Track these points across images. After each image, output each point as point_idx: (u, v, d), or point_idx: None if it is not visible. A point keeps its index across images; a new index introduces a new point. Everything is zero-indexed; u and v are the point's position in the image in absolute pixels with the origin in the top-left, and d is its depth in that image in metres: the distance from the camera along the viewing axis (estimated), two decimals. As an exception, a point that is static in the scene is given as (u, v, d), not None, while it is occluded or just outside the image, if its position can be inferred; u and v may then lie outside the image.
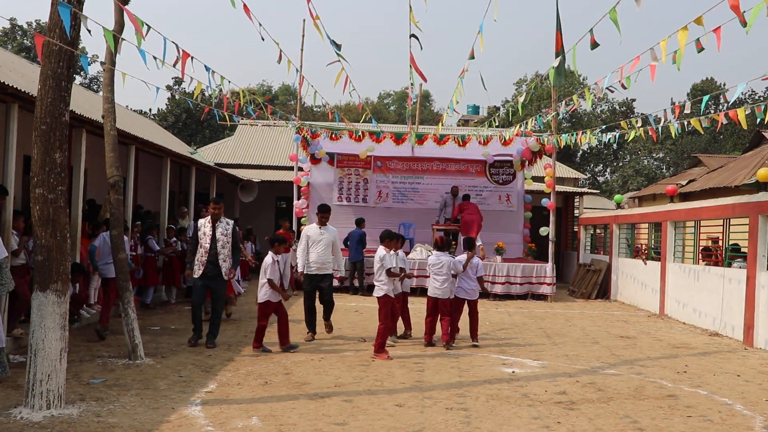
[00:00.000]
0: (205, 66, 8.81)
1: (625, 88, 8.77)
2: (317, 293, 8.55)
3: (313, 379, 6.31)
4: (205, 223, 7.72)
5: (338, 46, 8.22)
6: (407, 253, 13.63)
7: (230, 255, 7.73)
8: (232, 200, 19.47)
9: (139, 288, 10.80)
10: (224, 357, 7.19)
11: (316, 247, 8.41)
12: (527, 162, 17.23)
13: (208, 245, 7.60)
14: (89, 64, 7.80)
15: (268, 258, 7.73)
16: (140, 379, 6.05)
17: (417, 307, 10.48)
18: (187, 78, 7.61)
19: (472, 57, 8.79)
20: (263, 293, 7.64)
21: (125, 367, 6.54)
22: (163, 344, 7.83)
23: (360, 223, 14.32)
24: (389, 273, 7.64)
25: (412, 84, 12.94)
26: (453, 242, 14.87)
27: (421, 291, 12.97)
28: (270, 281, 7.59)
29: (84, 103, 14.65)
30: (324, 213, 8.64)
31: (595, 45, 6.54)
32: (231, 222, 7.84)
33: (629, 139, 11.78)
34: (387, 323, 7.56)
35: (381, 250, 7.81)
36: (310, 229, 8.54)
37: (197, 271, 7.63)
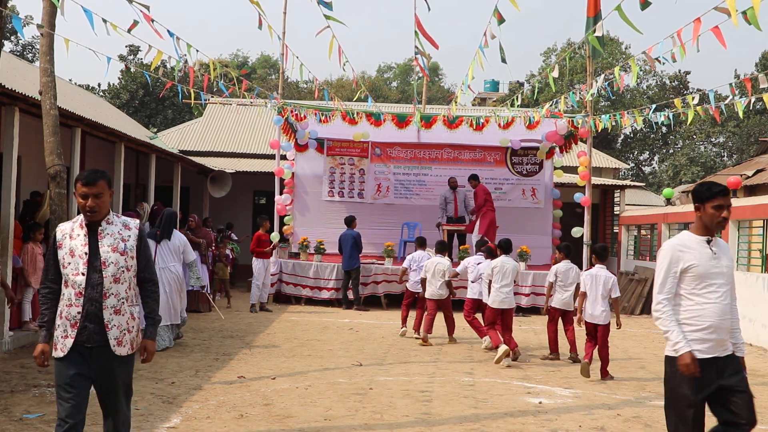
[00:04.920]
0: (169, 31, 8.82)
1: (675, 60, 8.78)
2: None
3: (298, 411, 6.29)
4: (72, 231, 4.19)
5: (328, 5, 8.19)
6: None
7: (136, 298, 4.30)
8: (200, 195, 19.46)
9: None
10: (191, 385, 7.17)
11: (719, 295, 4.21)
12: (557, 148, 17.21)
13: (82, 280, 4.07)
14: (23, 27, 7.71)
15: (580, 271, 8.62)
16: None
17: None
18: (144, 46, 7.58)
19: (502, 20, 8.73)
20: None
21: (69, 397, 6.48)
22: (116, 369, 7.78)
23: (350, 222, 14.29)
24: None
25: (418, 54, 12.91)
26: (466, 245, 14.88)
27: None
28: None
29: (16, 75, 14.64)
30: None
31: (646, 4, 6.51)
32: (134, 224, 4.32)
33: (689, 122, 11.78)
34: None
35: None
36: (698, 252, 4.23)
37: (61, 341, 4.08)
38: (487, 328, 9.24)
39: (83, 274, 4.09)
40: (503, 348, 8.65)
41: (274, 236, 14.63)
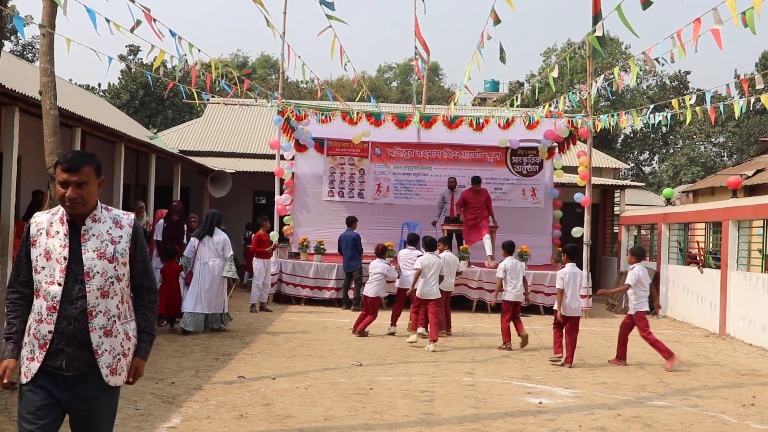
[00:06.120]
0: (171, 31, 8.82)
1: (673, 61, 8.80)
2: None
3: (298, 411, 6.29)
4: (50, 226, 3.34)
5: (330, 5, 8.19)
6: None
7: (131, 312, 3.49)
8: (200, 195, 19.47)
9: None
10: (191, 385, 7.17)
11: None
12: (557, 148, 17.22)
13: (57, 291, 3.25)
14: (24, 26, 7.70)
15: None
16: None
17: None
18: (145, 45, 7.58)
19: (498, 21, 8.76)
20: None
21: (69, 397, 6.47)
22: (116, 369, 7.77)
23: (351, 222, 14.27)
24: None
25: (417, 55, 12.96)
26: (465, 245, 14.91)
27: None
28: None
29: (16, 75, 14.65)
30: None
31: (647, 4, 6.51)
32: (127, 220, 3.46)
33: (687, 122, 11.80)
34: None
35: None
36: None
37: (26, 363, 3.35)
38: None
39: (60, 284, 3.22)
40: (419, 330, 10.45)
41: (274, 236, 14.63)
